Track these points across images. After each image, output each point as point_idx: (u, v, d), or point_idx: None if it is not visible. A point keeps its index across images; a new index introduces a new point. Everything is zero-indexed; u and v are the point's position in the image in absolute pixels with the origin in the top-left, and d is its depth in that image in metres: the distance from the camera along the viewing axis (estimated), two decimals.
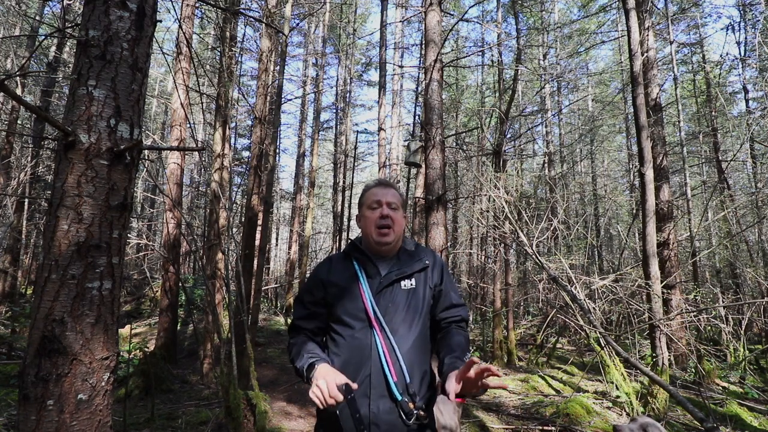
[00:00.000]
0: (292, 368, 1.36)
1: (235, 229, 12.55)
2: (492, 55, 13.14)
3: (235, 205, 15.62)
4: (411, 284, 1.39)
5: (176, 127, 7.07)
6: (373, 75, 25.69)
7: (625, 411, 4.69)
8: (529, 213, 7.59)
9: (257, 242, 7.82)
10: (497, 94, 10.32)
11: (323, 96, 17.69)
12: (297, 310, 1.47)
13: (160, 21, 1.74)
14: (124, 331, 8.24)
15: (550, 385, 6.24)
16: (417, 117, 12.53)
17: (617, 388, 4.95)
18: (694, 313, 6.54)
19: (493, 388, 1.13)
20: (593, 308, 5.43)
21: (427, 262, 1.43)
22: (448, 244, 6.77)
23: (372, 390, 1.26)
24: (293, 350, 1.39)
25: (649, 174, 5.47)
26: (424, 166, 6.71)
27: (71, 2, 9.40)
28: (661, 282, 5.65)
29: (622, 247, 11.33)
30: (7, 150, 9.73)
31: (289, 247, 15.96)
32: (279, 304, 15.47)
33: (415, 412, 1.22)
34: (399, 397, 1.23)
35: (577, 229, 10.05)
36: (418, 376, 1.30)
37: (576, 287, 5.40)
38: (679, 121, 11.33)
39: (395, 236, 1.41)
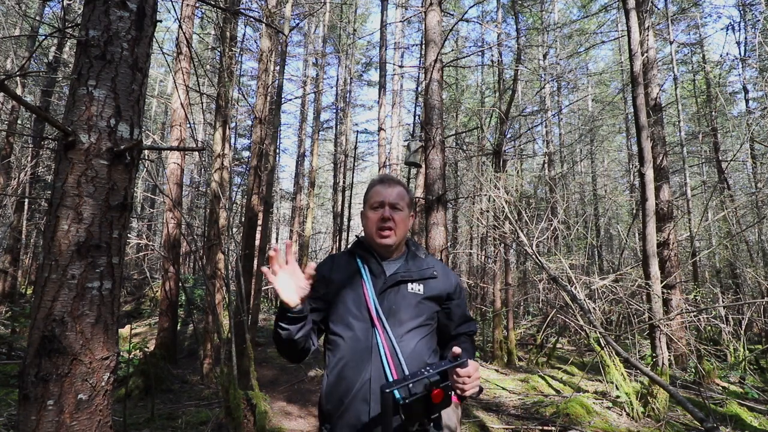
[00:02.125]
0: (288, 364, 1.30)
1: (235, 229, 12.55)
2: (492, 55, 13.13)
3: (235, 205, 15.61)
4: (419, 289, 1.34)
5: (176, 127, 7.07)
6: (373, 75, 25.73)
7: (625, 411, 4.69)
8: (529, 213, 7.60)
9: (257, 242, 7.83)
10: (497, 94, 10.32)
11: (323, 96, 17.72)
12: None
13: (160, 21, 1.75)
14: (124, 331, 8.24)
15: (550, 385, 6.24)
16: (417, 117, 12.53)
17: (617, 388, 4.95)
18: (694, 313, 6.54)
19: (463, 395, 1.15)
20: (593, 308, 5.44)
21: (435, 272, 1.38)
22: (448, 244, 6.77)
23: (372, 395, 1.19)
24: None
25: (649, 174, 5.47)
26: (424, 166, 6.72)
27: (71, 2, 9.40)
28: (661, 282, 5.65)
29: (622, 247, 11.33)
30: (7, 150, 9.73)
31: None
32: (279, 304, 15.45)
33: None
34: (401, 402, 1.17)
35: (577, 229, 10.05)
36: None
37: (576, 287, 5.40)
38: (679, 121, 11.33)
39: (397, 238, 1.36)
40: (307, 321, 1.24)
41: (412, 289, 1.33)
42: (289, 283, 1.16)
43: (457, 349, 1.16)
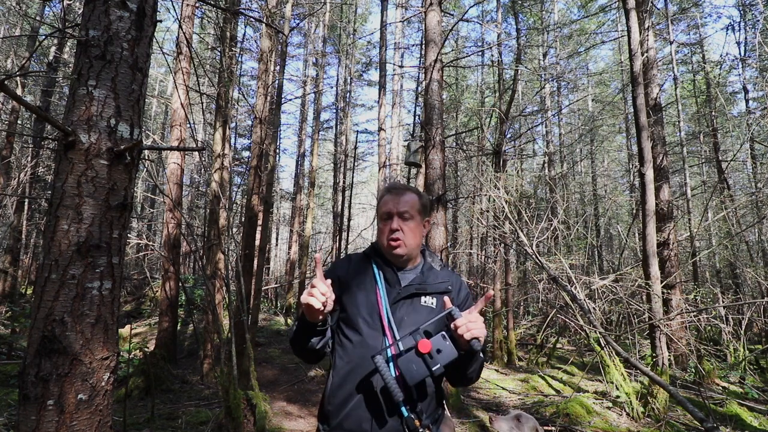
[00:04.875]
0: (296, 352, 1.32)
1: (235, 229, 12.55)
2: (492, 55, 13.13)
3: (235, 205, 15.61)
4: (432, 302, 1.33)
5: (176, 127, 7.07)
6: (373, 75, 25.76)
7: (625, 411, 4.69)
8: (529, 213, 7.59)
9: (257, 242, 7.83)
10: (497, 94, 10.32)
11: (323, 96, 17.70)
12: None
13: (160, 21, 1.75)
14: (124, 331, 8.23)
15: (550, 385, 6.24)
16: (417, 117, 12.54)
17: (617, 388, 4.95)
18: (694, 313, 6.54)
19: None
20: (593, 308, 5.44)
21: (449, 287, 1.37)
22: (448, 244, 6.77)
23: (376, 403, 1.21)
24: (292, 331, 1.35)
25: (649, 174, 5.47)
26: (424, 166, 6.71)
27: (71, 2, 9.40)
28: (661, 282, 5.65)
29: (622, 247, 11.34)
30: (7, 150, 9.73)
31: (289, 247, 15.96)
32: (279, 304, 15.46)
33: (421, 430, 1.17)
34: (405, 414, 1.17)
35: (577, 229, 10.05)
36: (426, 393, 1.25)
37: (576, 287, 5.40)
38: (679, 121, 11.35)
39: (407, 248, 1.35)
40: (328, 331, 1.30)
41: (425, 302, 1.33)
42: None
43: (447, 300, 1.23)
